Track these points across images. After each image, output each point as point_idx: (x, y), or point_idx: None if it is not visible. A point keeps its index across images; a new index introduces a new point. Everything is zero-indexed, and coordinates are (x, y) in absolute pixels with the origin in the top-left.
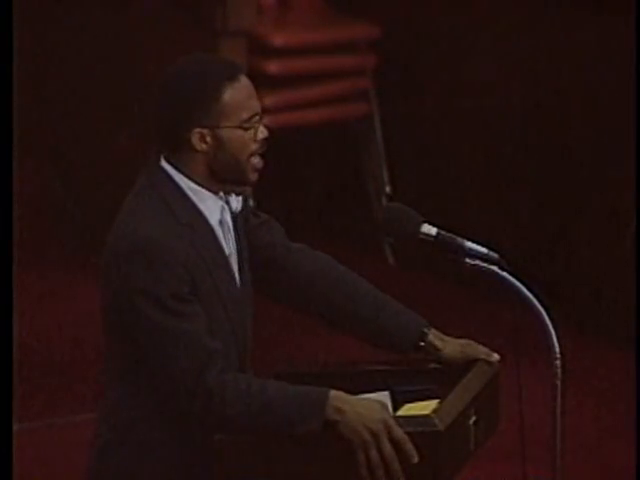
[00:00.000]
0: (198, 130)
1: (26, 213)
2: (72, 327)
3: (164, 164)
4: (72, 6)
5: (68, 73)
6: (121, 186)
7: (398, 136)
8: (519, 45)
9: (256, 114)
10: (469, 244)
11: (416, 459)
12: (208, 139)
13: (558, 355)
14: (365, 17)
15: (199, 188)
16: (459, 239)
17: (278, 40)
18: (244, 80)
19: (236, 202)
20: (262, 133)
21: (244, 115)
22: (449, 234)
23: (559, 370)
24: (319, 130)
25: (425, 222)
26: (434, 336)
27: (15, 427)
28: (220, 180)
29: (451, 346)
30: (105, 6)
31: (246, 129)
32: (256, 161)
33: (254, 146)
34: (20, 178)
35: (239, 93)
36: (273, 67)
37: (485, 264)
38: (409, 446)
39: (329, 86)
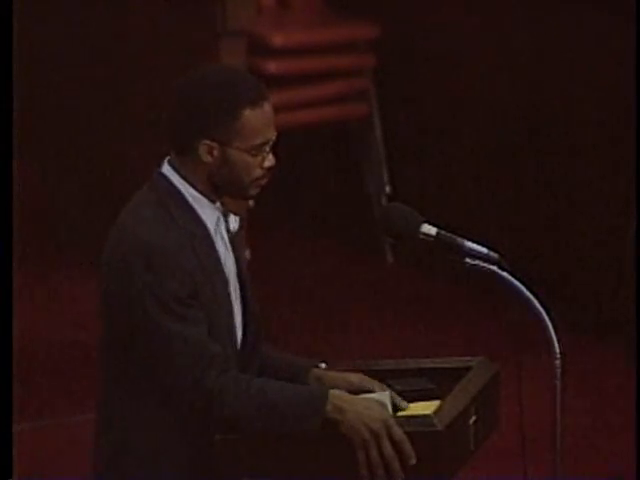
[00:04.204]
0: (207, 142)
1: (26, 213)
2: (72, 327)
3: (165, 168)
4: (72, 6)
5: (68, 73)
6: (121, 186)
7: (398, 136)
8: (520, 45)
9: (268, 141)
10: (469, 244)
11: (414, 460)
12: (215, 153)
13: (558, 355)
14: (365, 17)
15: (199, 195)
16: (459, 239)
17: (278, 40)
18: (266, 106)
19: (234, 222)
20: (269, 161)
21: (257, 141)
22: (449, 234)
23: (559, 370)
24: (319, 130)
25: (425, 222)
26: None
27: (15, 427)
28: (220, 192)
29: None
30: (105, 6)
31: (254, 155)
32: (259, 180)
33: (259, 172)
34: (20, 178)
35: (258, 119)
36: (273, 67)
37: (485, 264)
38: (408, 447)
39: (329, 86)
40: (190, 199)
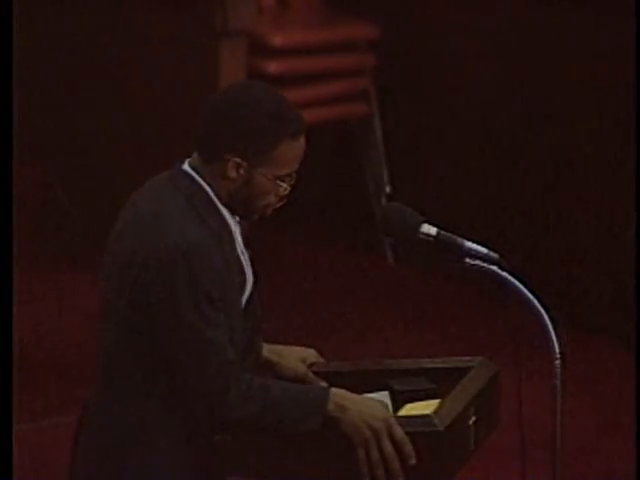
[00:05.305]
0: (237, 160)
1: (26, 213)
2: (72, 327)
3: (188, 168)
4: (72, 6)
5: (68, 73)
6: (122, 186)
7: (398, 136)
8: (519, 45)
9: (292, 173)
10: (469, 244)
11: (414, 460)
12: (241, 171)
13: (558, 355)
14: (365, 17)
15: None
16: (459, 239)
17: (278, 40)
18: (302, 140)
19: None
20: (285, 191)
21: (283, 172)
22: (449, 234)
23: (559, 370)
24: (319, 130)
25: (425, 222)
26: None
27: (15, 427)
28: (231, 205)
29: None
30: (105, 6)
31: (276, 183)
32: (269, 207)
33: (273, 199)
34: (20, 178)
35: (292, 152)
36: (273, 67)
37: (485, 264)
38: (409, 447)
39: (329, 86)
40: (215, 199)
